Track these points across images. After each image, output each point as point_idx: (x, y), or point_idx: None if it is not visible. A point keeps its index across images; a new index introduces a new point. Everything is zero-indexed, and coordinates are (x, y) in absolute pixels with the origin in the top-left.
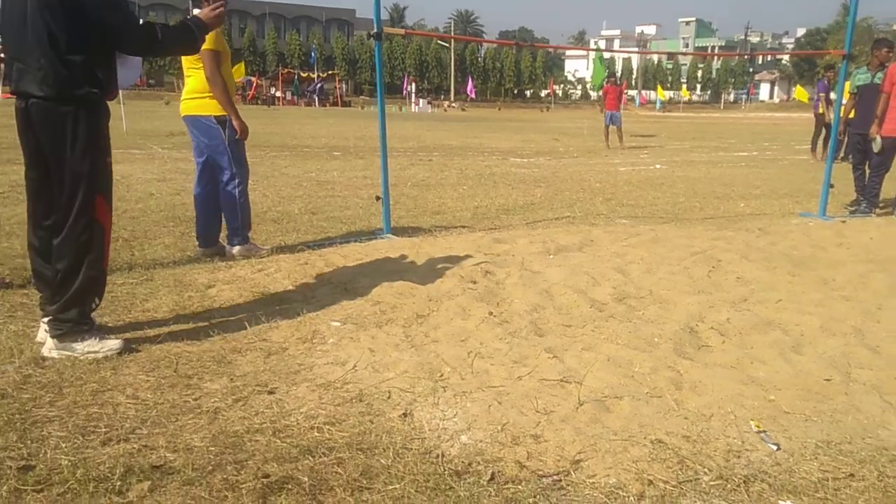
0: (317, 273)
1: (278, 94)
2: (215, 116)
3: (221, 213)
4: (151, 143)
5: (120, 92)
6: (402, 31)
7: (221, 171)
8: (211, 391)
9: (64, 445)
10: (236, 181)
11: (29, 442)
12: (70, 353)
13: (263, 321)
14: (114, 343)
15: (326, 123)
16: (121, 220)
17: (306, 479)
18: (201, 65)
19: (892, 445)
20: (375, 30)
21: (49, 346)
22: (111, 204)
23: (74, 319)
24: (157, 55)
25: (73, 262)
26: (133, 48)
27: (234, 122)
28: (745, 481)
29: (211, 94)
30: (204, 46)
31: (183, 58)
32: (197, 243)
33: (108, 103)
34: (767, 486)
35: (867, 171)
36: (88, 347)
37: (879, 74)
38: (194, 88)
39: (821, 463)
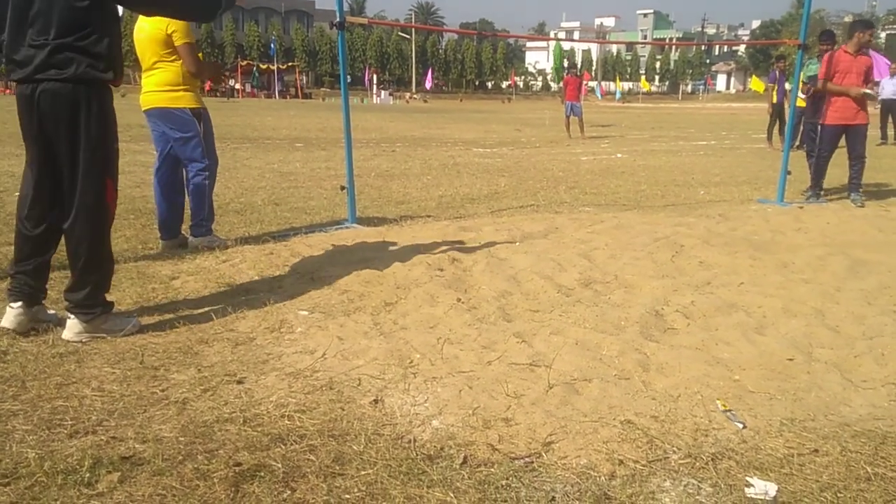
0: (283, 263)
1: (237, 86)
2: (190, 109)
3: (183, 205)
4: None
5: None
6: (366, 20)
7: (191, 162)
8: (178, 382)
9: (29, 439)
10: (207, 172)
11: None
12: (101, 335)
13: (230, 311)
14: (134, 320)
15: (287, 115)
16: None
17: (279, 465)
18: (174, 58)
19: (854, 421)
20: (338, 19)
21: (75, 332)
22: (117, 189)
23: (102, 303)
24: (176, 14)
25: (94, 247)
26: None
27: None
28: (712, 459)
29: (186, 87)
30: (184, 40)
31: (150, 51)
32: (160, 235)
33: None
34: (735, 464)
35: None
36: (116, 327)
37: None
38: (165, 81)
39: (786, 440)
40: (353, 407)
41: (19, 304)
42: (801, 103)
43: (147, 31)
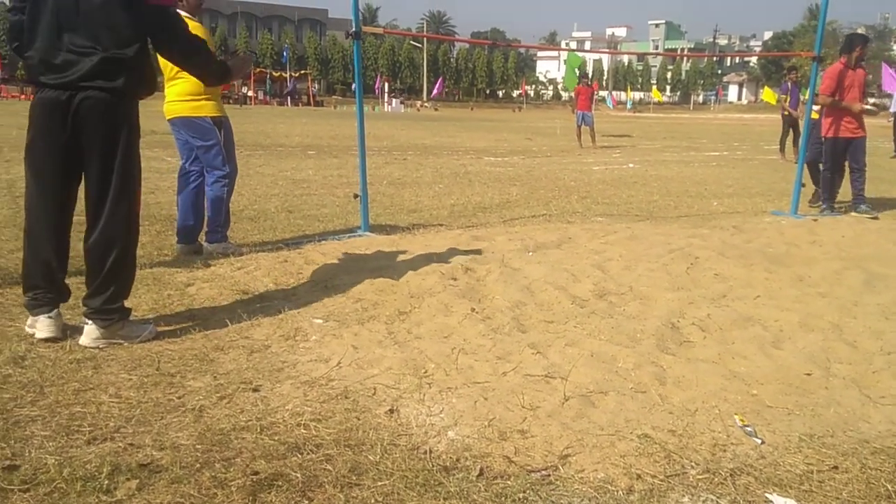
0: (297, 270)
1: (250, 93)
2: (211, 118)
3: (204, 212)
4: None
5: None
6: (381, 30)
7: (212, 170)
8: (195, 389)
9: (48, 445)
10: (226, 180)
11: (12, 442)
12: (118, 342)
13: (245, 319)
14: (151, 326)
15: (300, 123)
16: None
17: (296, 475)
18: None
19: (873, 438)
20: (354, 29)
21: (93, 337)
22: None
23: (120, 309)
24: (196, 72)
25: (122, 253)
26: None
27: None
28: (731, 475)
29: (207, 96)
30: None
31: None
32: (176, 240)
33: None
34: (754, 480)
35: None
36: (133, 333)
37: None
38: (187, 91)
39: (805, 456)
40: (368, 416)
41: (48, 312)
42: (815, 115)
43: None
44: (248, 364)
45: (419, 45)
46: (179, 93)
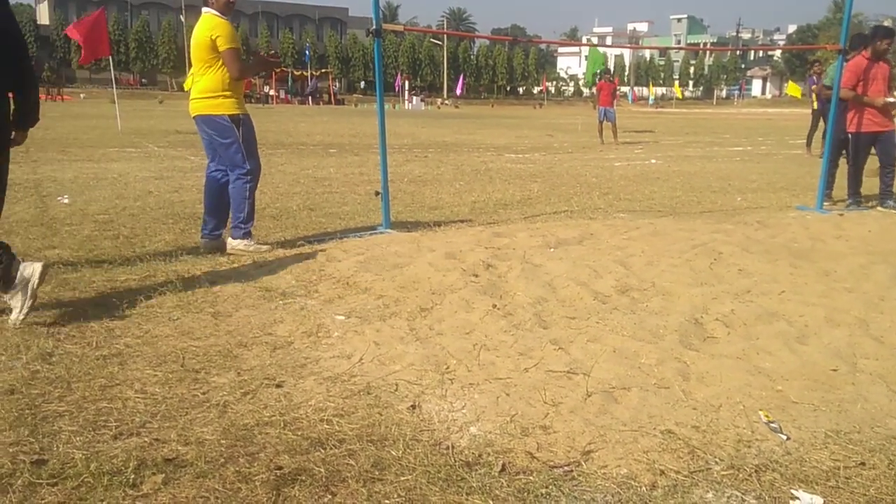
0: (318, 267)
1: (272, 92)
2: (229, 115)
3: (227, 207)
4: (147, 142)
5: (114, 91)
6: (402, 28)
7: (234, 167)
8: (219, 385)
9: (76, 440)
10: (249, 177)
11: (40, 437)
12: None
13: (268, 316)
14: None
15: (321, 121)
16: (120, 217)
17: (320, 470)
18: (216, 65)
19: None
20: (374, 27)
21: None
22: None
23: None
24: None
25: None
26: None
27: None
28: (756, 471)
29: (226, 94)
30: (227, 45)
31: (196, 57)
32: (201, 235)
33: (109, 102)
34: (779, 476)
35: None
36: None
37: None
38: (207, 88)
39: (831, 452)
40: (390, 412)
41: None
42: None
43: (196, 36)
44: (271, 360)
45: (439, 43)
46: (200, 90)
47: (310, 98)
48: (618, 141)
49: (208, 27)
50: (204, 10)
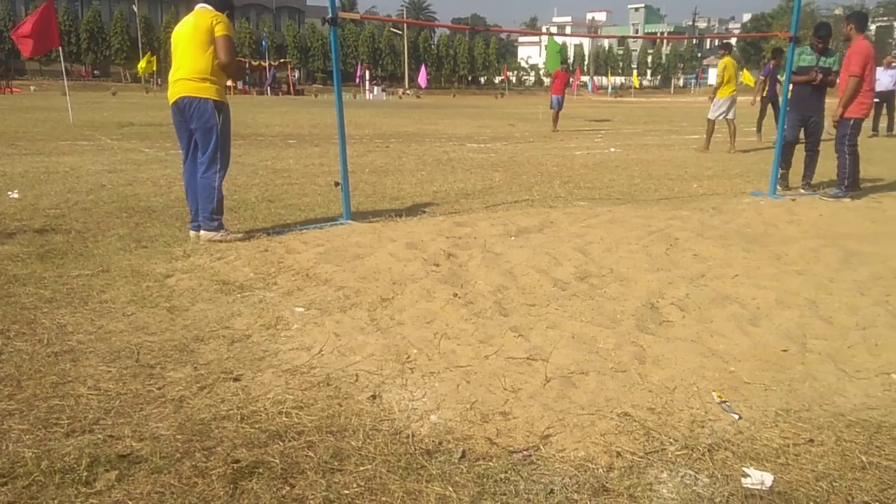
0: (277, 259)
1: (229, 83)
2: (213, 101)
3: None
4: (100, 135)
5: (65, 83)
6: (358, 16)
7: (204, 153)
8: (175, 380)
9: (26, 438)
10: (217, 167)
11: None
12: None
13: (225, 309)
14: None
15: (280, 112)
16: (72, 211)
17: (277, 462)
18: (209, 51)
19: (848, 411)
20: (330, 14)
21: None
22: None
23: None
24: None
25: None
26: None
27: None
28: (709, 450)
29: (213, 80)
30: (224, 32)
31: (188, 40)
32: (191, 227)
33: (61, 94)
34: (731, 454)
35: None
36: None
37: (825, 58)
38: (197, 70)
39: (781, 430)
40: (350, 403)
41: None
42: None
43: (192, 23)
44: (228, 354)
45: (399, 32)
46: (190, 71)
47: (268, 88)
48: (555, 128)
49: (210, 14)
50: (199, 5)
